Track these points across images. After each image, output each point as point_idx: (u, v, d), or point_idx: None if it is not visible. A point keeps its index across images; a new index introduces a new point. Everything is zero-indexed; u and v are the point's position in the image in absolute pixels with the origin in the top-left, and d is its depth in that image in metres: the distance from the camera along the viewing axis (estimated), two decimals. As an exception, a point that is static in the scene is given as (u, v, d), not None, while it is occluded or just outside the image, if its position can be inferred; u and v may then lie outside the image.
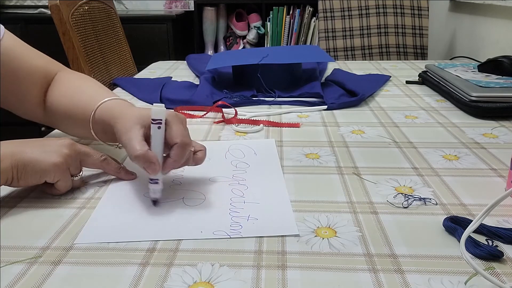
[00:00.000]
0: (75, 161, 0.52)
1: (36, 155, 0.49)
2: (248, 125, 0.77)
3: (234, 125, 0.77)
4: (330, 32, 1.79)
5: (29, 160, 0.48)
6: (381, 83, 1.05)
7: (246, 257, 0.41)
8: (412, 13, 1.76)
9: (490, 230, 0.43)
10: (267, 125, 0.77)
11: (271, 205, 0.49)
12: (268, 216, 0.47)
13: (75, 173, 0.53)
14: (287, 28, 2.24)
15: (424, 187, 0.54)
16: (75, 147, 0.52)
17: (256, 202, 0.50)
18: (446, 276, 0.38)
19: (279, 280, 0.38)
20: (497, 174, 0.57)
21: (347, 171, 0.59)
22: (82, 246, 0.43)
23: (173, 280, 0.38)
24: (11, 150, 0.48)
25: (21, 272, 0.39)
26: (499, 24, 1.36)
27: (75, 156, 0.52)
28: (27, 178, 0.49)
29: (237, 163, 0.61)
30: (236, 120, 0.78)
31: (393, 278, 0.38)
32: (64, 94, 0.65)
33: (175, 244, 0.43)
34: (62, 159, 0.50)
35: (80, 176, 0.54)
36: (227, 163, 0.61)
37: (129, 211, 0.49)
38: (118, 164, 0.57)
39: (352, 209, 0.49)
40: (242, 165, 0.60)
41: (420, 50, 1.78)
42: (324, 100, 0.89)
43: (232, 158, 0.62)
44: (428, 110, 0.85)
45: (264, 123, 0.77)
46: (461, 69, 1.00)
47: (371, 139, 0.70)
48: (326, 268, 0.39)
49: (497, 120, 0.78)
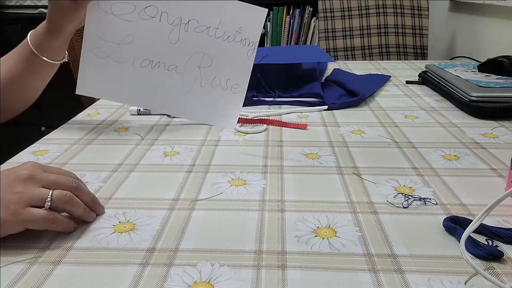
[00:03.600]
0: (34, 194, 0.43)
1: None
2: (248, 125, 0.77)
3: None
4: (330, 32, 1.79)
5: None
6: (381, 83, 1.05)
7: (246, 257, 0.41)
8: (412, 13, 1.76)
9: (490, 230, 0.43)
10: (275, 125, 0.77)
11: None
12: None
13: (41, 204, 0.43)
14: (287, 28, 2.24)
15: (424, 187, 0.54)
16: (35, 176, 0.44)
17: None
18: (446, 276, 0.38)
19: (279, 280, 0.38)
20: (497, 174, 0.57)
21: (347, 171, 0.59)
22: (82, 246, 0.43)
23: (173, 280, 0.38)
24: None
25: (21, 272, 0.39)
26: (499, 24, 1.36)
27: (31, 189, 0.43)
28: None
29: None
30: (242, 120, 0.78)
31: (393, 278, 0.38)
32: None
33: (175, 244, 0.43)
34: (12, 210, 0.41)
35: (48, 199, 0.44)
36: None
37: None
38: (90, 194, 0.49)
39: (352, 209, 0.49)
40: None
41: (420, 50, 1.78)
42: (324, 100, 0.89)
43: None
44: (428, 110, 0.85)
45: (273, 123, 0.77)
46: (461, 69, 1.00)
47: (371, 139, 0.70)
48: (326, 268, 0.39)
49: (497, 120, 0.78)
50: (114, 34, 0.67)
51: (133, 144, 0.69)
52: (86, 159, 0.64)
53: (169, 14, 0.66)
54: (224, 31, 0.68)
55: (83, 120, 0.81)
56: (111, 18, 0.66)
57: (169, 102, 0.70)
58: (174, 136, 0.72)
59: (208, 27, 0.67)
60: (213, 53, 0.68)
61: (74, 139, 0.71)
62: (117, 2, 0.66)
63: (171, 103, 0.70)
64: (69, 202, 0.44)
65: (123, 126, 0.77)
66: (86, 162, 0.62)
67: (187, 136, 0.72)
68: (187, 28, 0.67)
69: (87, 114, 0.85)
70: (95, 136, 0.72)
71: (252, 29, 0.68)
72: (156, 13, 0.66)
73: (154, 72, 0.69)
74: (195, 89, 0.69)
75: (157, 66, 0.69)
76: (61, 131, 0.76)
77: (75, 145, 0.69)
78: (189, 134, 0.73)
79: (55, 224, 0.44)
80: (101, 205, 0.49)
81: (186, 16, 0.66)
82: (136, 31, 0.67)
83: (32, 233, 0.44)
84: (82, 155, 0.65)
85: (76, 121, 0.81)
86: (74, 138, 0.71)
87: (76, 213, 0.46)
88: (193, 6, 0.66)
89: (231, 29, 0.67)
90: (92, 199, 0.48)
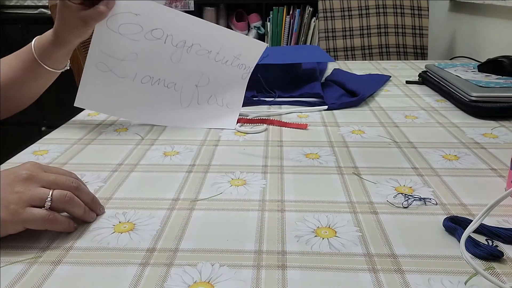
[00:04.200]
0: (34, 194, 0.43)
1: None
2: (248, 125, 0.77)
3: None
4: (330, 32, 1.79)
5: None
6: (381, 83, 1.05)
7: (246, 257, 0.41)
8: (412, 13, 1.76)
9: (490, 230, 0.43)
10: (276, 125, 0.77)
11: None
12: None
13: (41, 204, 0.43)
14: (287, 28, 2.24)
15: (424, 187, 0.54)
16: (35, 177, 0.44)
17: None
18: (446, 276, 0.38)
19: (279, 280, 0.38)
20: (497, 174, 0.57)
21: (347, 171, 0.59)
22: (82, 246, 0.43)
23: (173, 280, 0.38)
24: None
25: (21, 272, 0.39)
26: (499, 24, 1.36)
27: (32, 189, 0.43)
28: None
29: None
30: (244, 120, 0.78)
31: (393, 278, 0.38)
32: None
33: (175, 244, 0.43)
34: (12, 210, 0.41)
35: (48, 199, 0.43)
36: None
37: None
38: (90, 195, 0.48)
39: (352, 209, 0.49)
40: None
41: (420, 50, 1.78)
42: (324, 100, 0.89)
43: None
44: (428, 110, 0.85)
45: (274, 123, 0.77)
46: (461, 69, 1.00)
47: (371, 139, 0.70)
48: (326, 268, 0.39)
49: (497, 120, 0.78)
50: (119, 51, 0.70)
51: (133, 144, 0.69)
52: (86, 159, 0.64)
53: (174, 37, 0.70)
54: (223, 56, 0.73)
55: (83, 120, 0.81)
56: (117, 36, 0.69)
57: (166, 116, 0.74)
58: (174, 136, 0.72)
59: (210, 52, 0.72)
60: (211, 73, 0.73)
61: (74, 139, 0.71)
62: (125, 23, 0.68)
63: (169, 117, 0.74)
64: (69, 202, 0.44)
65: (123, 126, 0.77)
66: (86, 162, 0.62)
67: (187, 136, 0.72)
68: (190, 51, 0.71)
69: (87, 114, 0.85)
70: (95, 136, 0.72)
71: (250, 57, 0.74)
72: (162, 35, 0.70)
73: (154, 88, 0.72)
74: (192, 105, 0.74)
75: (157, 83, 0.72)
76: (61, 131, 0.76)
77: (75, 145, 0.69)
78: (189, 134, 0.73)
79: (55, 224, 0.43)
80: (101, 205, 0.49)
81: (190, 40, 0.70)
82: (140, 50, 0.70)
83: (32, 233, 0.44)
84: (82, 155, 0.65)
85: (76, 121, 0.81)
86: (74, 138, 0.71)
87: (76, 213, 0.45)
88: (199, 32, 0.70)
89: (230, 55, 0.73)
90: (92, 199, 0.48)
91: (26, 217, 0.42)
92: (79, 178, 0.49)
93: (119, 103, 0.73)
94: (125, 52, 0.70)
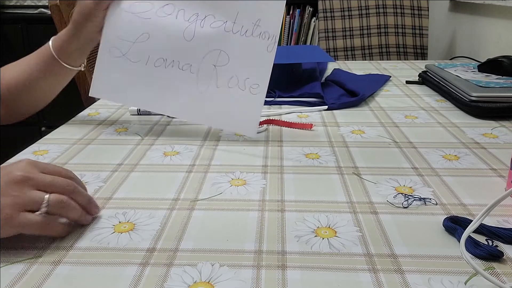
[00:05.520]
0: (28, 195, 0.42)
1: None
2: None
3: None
4: (330, 32, 1.79)
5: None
6: (381, 83, 1.05)
7: (246, 257, 0.41)
8: (412, 13, 1.76)
9: (490, 230, 0.43)
10: (280, 125, 0.77)
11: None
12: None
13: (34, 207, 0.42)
14: (287, 28, 2.24)
15: (424, 187, 0.54)
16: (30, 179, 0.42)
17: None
18: (446, 276, 0.38)
19: (279, 280, 0.38)
20: (497, 174, 0.57)
21: (347, 171, 0.59)
22: (82, 246, 0.43)
23: (173, 280, 0.38)
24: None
25: (21, 272, 0.39)
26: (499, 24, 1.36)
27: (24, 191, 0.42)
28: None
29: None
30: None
31: (393, 278, 0.38)
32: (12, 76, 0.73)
33: (175, 244, 0.43)
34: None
35: (44, 204, 0.42)
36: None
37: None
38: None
39: (352, 209, 0.49)
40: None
41: (420, 50, 1.78)
42: (324, 100, 0.89)
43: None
44: (428, 110, 0.85)
45: (278, 123, 0.77)
46: (461, 69, 1.00)
47: (371, 139, 0.70)
48: (326, 268, 0.39)
49: (497, 120, 0.78)
50: (131, 32, 0.69)
51: (133, 144, 0.69)
52: (86, 159, 0.64)
53: (186, 11, 0.67)
54: (241, 25, 0.65)
55: (83, 120, 0.81)
56: (129, 16, 0.68)
57: (184, 106, 0.69)
58: (174, 136, 0.72)
59: (225, 22, 0.65)
60: (230, 50, 0.66)
61: (74, 139, 0.71)
62: (136, 2, 0.68)
63: (186, 108, 0.69)
64: (65, 207, 0.43)
65: (123, 126, 0.77)
66: (86, 162, 0.62)
67: (187, 136, 0.72)
68: (203, 24, 0.65)
69: (87, 114, 0.85)
70: (95, 136, 0.72)
71: (271, 21, 0.65)
72: (173, 11, 0.68)
73: (168, 72, 0.68)
74: (211, 90, 0.67)
75: (171, 65, 0.68)
76: (61, 131, 0.76)
77: (75, 145, 0.69)
78: (189, 134, 0.73)
79: (50, 231, 0.43)
80: (97, 206, 0.48)
81: (202, 12, 0.67)
82: (152, 29, 0.68)
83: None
84: (82, 155, 0.65)
85: (76, 121, 0.81)
86: (74, 138, 0.72)
87: (72, 218, 0.45)
88: (211, 3, 0.67)
89: (248, 22, 0.65)
90: (88, 201, 0.47)
91: (21, 222, 0.41)
92: (76, 176, 0.48)
93: (133, 92, 0.71)
94: (137, 33, 0.68)
